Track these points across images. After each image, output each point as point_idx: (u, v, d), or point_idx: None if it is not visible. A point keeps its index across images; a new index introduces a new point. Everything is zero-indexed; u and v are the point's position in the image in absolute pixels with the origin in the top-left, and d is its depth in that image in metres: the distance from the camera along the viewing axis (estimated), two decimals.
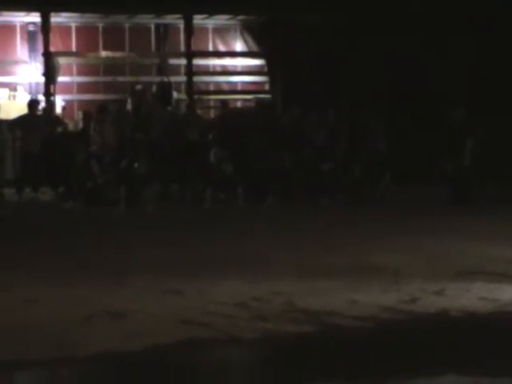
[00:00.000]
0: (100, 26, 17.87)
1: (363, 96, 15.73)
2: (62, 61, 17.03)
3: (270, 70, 18.18)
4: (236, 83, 18.73)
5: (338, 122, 14.59)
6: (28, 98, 15.96)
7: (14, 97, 16.60)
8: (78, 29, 17.78)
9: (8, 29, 17.39)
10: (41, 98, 16.44)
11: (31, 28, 17.22)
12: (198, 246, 9.30)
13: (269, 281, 7.15)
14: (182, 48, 18.03)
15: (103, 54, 17.58)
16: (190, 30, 17.35)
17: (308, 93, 16.10)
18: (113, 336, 5.53)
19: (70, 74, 17.54)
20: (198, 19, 17.52)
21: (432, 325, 5.90)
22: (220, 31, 18.61)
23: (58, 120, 15.48)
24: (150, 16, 17.73)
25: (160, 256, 8.58)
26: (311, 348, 5.42)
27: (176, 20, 17.81)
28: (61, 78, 16.99)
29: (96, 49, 17.71)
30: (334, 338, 5.62)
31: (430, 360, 5.08)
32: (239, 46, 18.70)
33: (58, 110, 16.67)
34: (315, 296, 6.59)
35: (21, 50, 17.39)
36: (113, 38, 17.82)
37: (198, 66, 17.82)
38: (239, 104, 18.25)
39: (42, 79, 16.69)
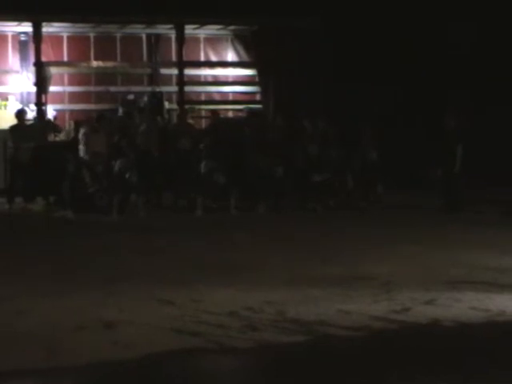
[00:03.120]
0: (91, 35, 17.88)
1: (356, 104, 15.74)
2: (53, 70, 17.03)
3: (261, 80, 18.21)
4: (227, 93, 18.76)
5: (330, 130, 14.62)
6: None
7: (6, 106, 16.58)
8: (69, 38, 17.79)
9: None
10: (32, 107, 16.45)
11: (23, 38, 17.21)
12: (189, 254, 9.30)
13: (260, 290, 7.16)
14: (174, 58, 18.05)
15: (94, 63, 17.59)
16: (181, 39, 17.37)
17: (299, 102, 16.14)
18: (105, 346, 5.52)
19: (62, 83, 17.54)
20: (189, 29, 17.55)
21: (423, 335, 5.89)
22: (211, 41, 18.65)
23: (53, 126, 15.51)
24: (142, 26, 17.76)
25: (152, 264, 8.58)
26: (303, 358, 5.40)
27: (167, 30, 17.85)
28: (52, 88, 16.98)
29: (87, 58, 17.72)
30: (325, 347, 5.61)
31: (422, 370, 5.08)
32: (230, 55, 18.74)
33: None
34: (307, 305, 6.59)
35: (12, 59, 17.39)
36: (104, 48, 17.83)
37: (189, 75, 17.83)
38: (230, 114, 18.27)
39: (34, 89, 16.68)
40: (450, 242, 9.90)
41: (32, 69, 16.82)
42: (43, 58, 16.76)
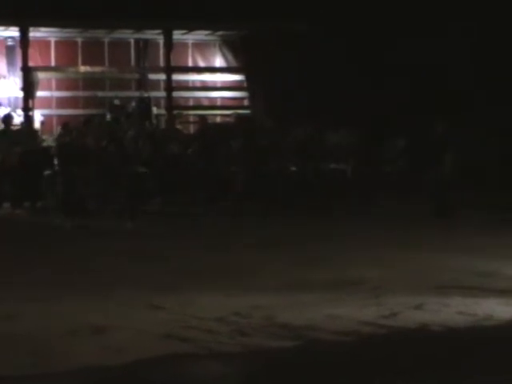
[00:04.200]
0: (79, 40, 17.87)
1: (347, 108, 15.64)
2: (40, 75, 17.00)
3: (249, 85, 18.24)
4: (215, 98, 18.78)
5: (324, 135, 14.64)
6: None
7: None
8: (57, 43, 17.77)
9: None
10: (19, 112, 16.42)
11: (10, 42, 17.18)
12: (180, 259, 9.27)
13: (250, 294, 7.16)
14: (162, 63, 18.07)
15: (82, 68, 17.58)
16: (169, 45, 17.39)
17: (289, 107, 16.15)
18: (94, 351, 5.52)
19: (49, 88, 17.52)
20: (177, 34, 17.57)
21: (412, 339, 5.91)
22: (199, 46, 18.67)
23: (34, 134, 15.52)
24: (130, 31, 17.75)
25: (142, 269, 8.57)
26: (291, 363, 5.41)
27: (155, 35, 17.85)
28: (40, 93, 16.95)
29: (75, 63, 17.70)
30: (313, 352, 5.62)
31: (410, 375, 5.09)
32: (219, 61, 18.77)
33: (37, 124, 16.65)
34: (296, 310, 6.60)
35: None
36: (92, 53, 17.82)
37: (177, 81, 17.85)
38: (218, 119, 18.29)
39: (21, 94, 16.65)
40: (441, 246, 9.90)
41: (19, 74, 16.79)
42: (30, 63, 16.73)
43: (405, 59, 16.10)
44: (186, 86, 18.46)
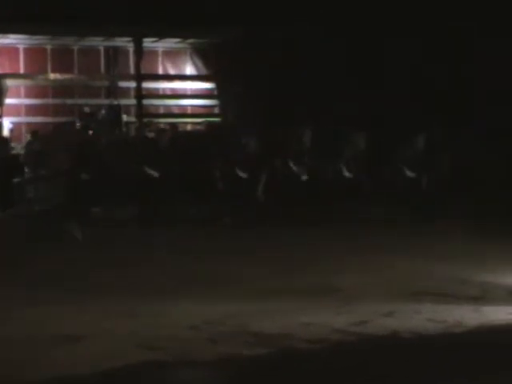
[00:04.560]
0: (48, 47, 17.81)
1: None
2: (9, 83, 16.92)
3: (220, 93, 18.28)
4: (186, 106, 18.80)
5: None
6: None
7: None
8: (25, 50, 17.70)
9: None
10: None
11: None
12: (156, 267, 9.23)
13: (224, 303, 7.17)
14: (132, 71, 18.06)
15: (52, 76, 17.51)
16: (139, 52, 17.39)
17: (262, 113, 16.17)
18: (65, 360, 5.51)
19: (18, 96, 17.43)
20: (147, 42, 17.58)
21: (382, 346, 5.97)
22: (170, 54, 18.69)
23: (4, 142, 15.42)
24: (100, 38, 17.73)
25: (119, 277, 8.53)
26: (264, 371, 5.44)
27: (126, 43, 17.85)
28: (8, 100, 16.87)
29: (44, 71, 17.63)
30: (286, 360, 5.65)
31: (381, 381, 5.15)
32: (189, 69, 18.80)
33: (6, 132, 16.57)
34: (269, 318, 6.62)
35: None
36: (61, 60, 17.78)
37: (147, 88, 17.85)
38: (189, 127, 18.31)
39: None
40: (422, 252, 9.86)
41: None
42: None
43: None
44: (156, 94, 18.47)
